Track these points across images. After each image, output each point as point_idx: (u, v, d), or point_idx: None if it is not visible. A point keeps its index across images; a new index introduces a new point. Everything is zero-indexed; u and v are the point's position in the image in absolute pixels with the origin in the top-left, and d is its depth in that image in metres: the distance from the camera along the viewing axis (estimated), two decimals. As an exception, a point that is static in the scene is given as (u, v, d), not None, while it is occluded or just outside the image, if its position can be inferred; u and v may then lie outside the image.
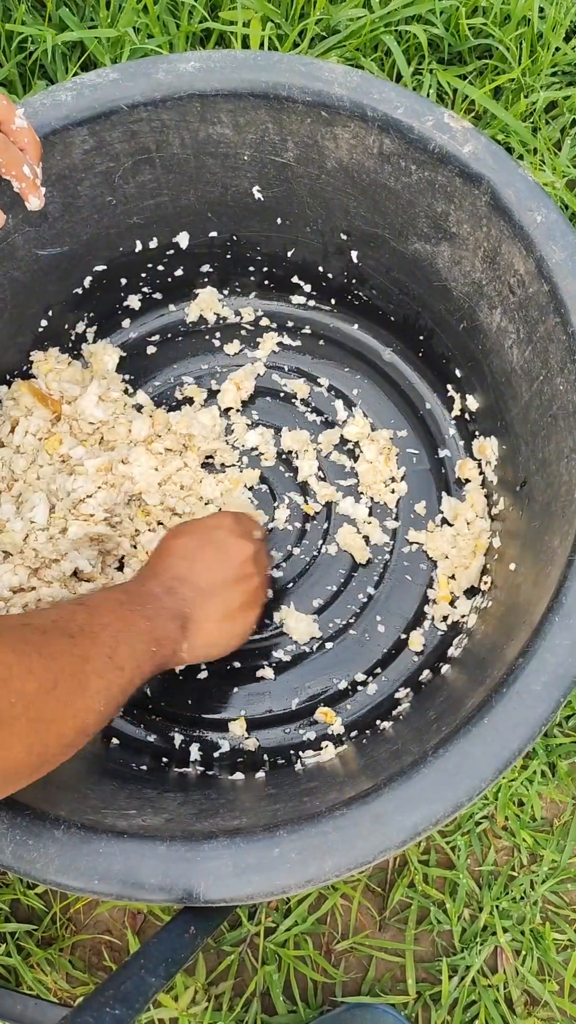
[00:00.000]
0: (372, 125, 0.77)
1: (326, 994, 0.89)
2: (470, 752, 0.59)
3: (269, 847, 0.57)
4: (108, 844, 0.58)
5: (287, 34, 1.11)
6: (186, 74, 0.79)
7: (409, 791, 0.58)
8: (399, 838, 0.57)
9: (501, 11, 1.16)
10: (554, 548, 0.68)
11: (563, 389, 0.72)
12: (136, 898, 0.57)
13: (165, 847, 0.57)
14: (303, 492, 0.91)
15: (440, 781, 0.58)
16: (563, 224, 0.72)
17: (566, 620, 0.62)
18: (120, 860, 0.57)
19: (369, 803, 0.58)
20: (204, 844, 0.57)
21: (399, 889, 0.90)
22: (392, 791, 0.58)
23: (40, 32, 1.06)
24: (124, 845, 0.58)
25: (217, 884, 0.56)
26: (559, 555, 0.66)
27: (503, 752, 0.58)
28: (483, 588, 0.84)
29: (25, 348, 0.91)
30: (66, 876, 0.57)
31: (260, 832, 0.58)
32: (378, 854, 0.56)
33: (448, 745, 0.59)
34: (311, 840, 0.57)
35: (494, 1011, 0.87)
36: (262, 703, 0.84)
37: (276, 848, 0.57)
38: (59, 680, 0.55)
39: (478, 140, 0.75)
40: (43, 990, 0.88)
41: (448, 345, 0.90)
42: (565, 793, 0.94)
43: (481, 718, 0.60)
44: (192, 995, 0.87)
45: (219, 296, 0.98)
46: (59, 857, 0.57)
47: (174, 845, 0.57)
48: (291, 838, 0.57)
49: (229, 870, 0.56)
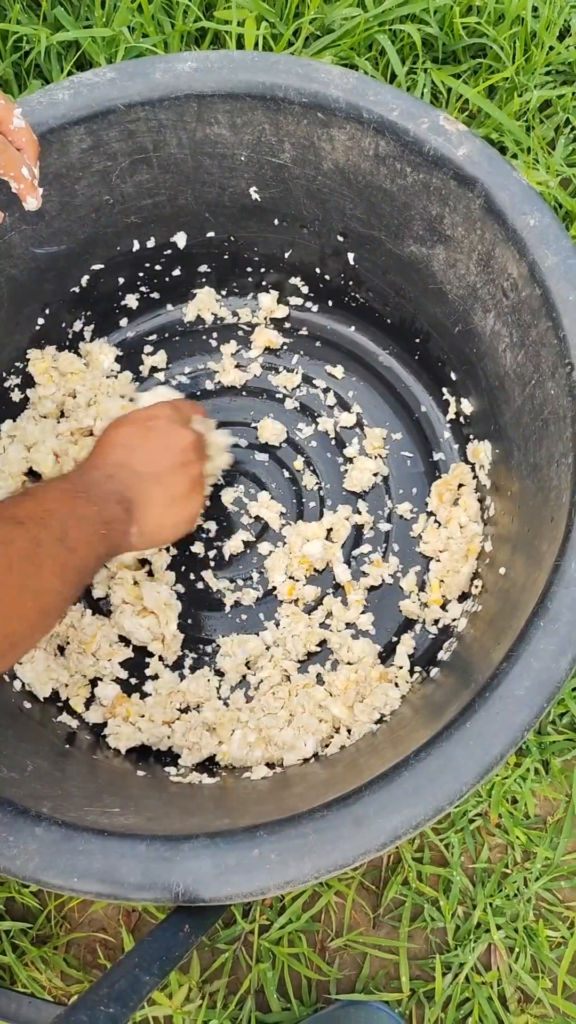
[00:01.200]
0: (368, 127, 0.77)
1: (320, 991, 0.90)
2: (452, 756, 0.59)
3: (249, 848, 0.57)
4: (88, 842, 0.58)
5: (281, 33, 1.12)
6: (184, 74, 0.79)
7: (390, 794, 0.58)
8: (379, 841, 0.57)
9: (495, 10, 1.16)
10: (543, 553, 0.68)
11: (554, 393, 0.72)
12: (115, 896, 0.57)
13: (145, 846, 0.58)
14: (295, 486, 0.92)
15: (421, 785, 0.58)
16: (556, 228, 0.73)
17: (551, 625, 0.62)
18: (100, 858, 0.57)
19: (350, 805, 0.58)
20: (184, 844, 0.58)
21: (393, 886, 0.90)
22: (373, 794, 0.58)
23: (35, 32, 1.06)
24: (104, 843, 0.58)
25: (197, 884, 0.56)
26: (547, 560, 0.66)
27: (485, 757, 0.59)
28: (474, 592, 0.84)
29: (22, 346, 0.91)
30: (46, 874, 0.57)
31: (240, 833, 0.58)
32: (358, 856, 0.57)
33: (430, 749, 0.60)
34: (291, 842, 0.57)
35: (488, 1008, 0.87)
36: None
37: (256, 849, 0.57)
38: (13, 563, 0.56)
39: (473, 143, 0.75)
40: (38, 988, 0.88)
41: (444, 348, 0.90)
42: (558, 790, 0.95)
43: (464, 722, 0.60)
44: (186, 993, 0.87)
45: (217, 296, 0.98)
46: (39, 854, 0.57)
47: (154, 844, 0.58)
48: (271, 839, 0.57)
49: (209, 870, 0.57)
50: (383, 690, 0.81)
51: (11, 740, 0.71)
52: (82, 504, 0.65)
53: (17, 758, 0.68)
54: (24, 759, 0.68)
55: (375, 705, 0.81)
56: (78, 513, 0.64)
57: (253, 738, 0.80)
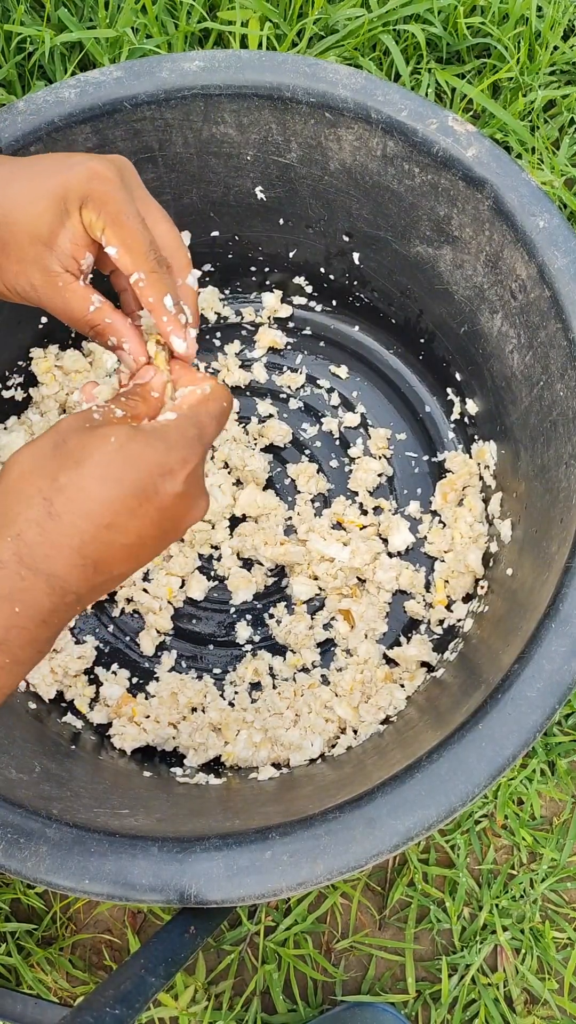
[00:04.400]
0: (376, 127, 0.77)
1: (326, 993, 0.90)
2: (464, 757, 0.59)
3: (261, 849, 0.57)
4: (100, 844, 0.58)
5: (285, 34, 1.11)
6: (190, 73, 0.79)
7: (402, 796, 0.58)
8: (392, 842, 0.57)
9: (499, 10, 1.16)
10: (552, 554, 0.69)
11: (563, 395, 0.72)
12: (127, 898, 0.57)
13: (157, 848, 0.58)
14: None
15: (433, 786, 0.58)
16: (566, 230, 0.73)
17: (563, 627, 0.62)
18: (111, 860, 0.57)
19: (362, 807, 0.58)
20: (196, 845, 0.58)
21: (399, 888, 0.90)
22: (385, 795, 0.58)
23: (39, 32, 1.06)
24: (116, 845, 0.58)
25: (209, 886, 0.56)
26: (557, 561, 0.67)
27: (497, 758, 0.59)
28: (480, 592, 0.84)
29: (25, 344, 0.91)
30: (57, 875, 0.57)
31: (252, 835, 0.58)
32: (370, 858, 0.57)
33: (442, 750, 0.60)
34: (303, 843, 0.57)
35: (494, 1010, 0.87)
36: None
37: (268, 851, 0.57)
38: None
39: (482, 144, 0.75)
40: (43, 990, 0.88)
41: (449, 348, 0.90)
42: (564, 792, 0.95)
43: (476, 724, 0.60)
44: (192, 994, 0.87)
45: (220, 296, 0.98)
46: (50, 856, 0.57)
47: (166, 846, 0.58)
48: (283, 841, 0.57)
49: (221, 872, 0.57)
50: (388, 691, 0.81)
51: (18, 741, 0.71)
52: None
53: (25, 759, 0.68)
54: (32, 760, 0.68)
55: (380, 705, 0.81)
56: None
57: (259, 738, 0.80)
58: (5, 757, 0.66)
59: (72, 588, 0.49)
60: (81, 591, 0.50)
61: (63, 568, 0.48)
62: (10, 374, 0.90)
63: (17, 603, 0.48)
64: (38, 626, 0.49)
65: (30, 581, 0.48)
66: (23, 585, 0.48)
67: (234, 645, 0.86)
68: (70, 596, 0.49)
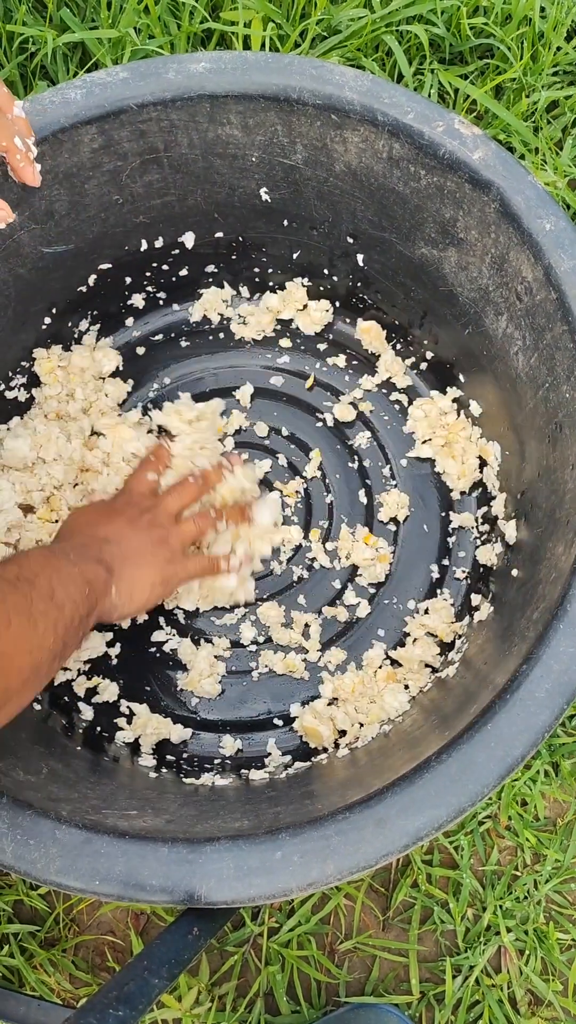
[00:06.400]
0: (382, 129, 0.77)
1: (330, 994, 0.90)
2: (473, 758, 0.59)
3: (272, 850, 0.57)
4: (109, 845, 0.58)
5: (288, 34, 1.11)
6: (196, 74, 0.79)
7: (412, 796, 0.58)
8: (401, 842, 0.57)
9: (502, 11, 1.16)
10: (557, 555, 0.69)
11: (569, 397, 0.72)
12: (137, 899, 0.57)
13: (167, 849, 0.58)
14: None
15: (443, 786, 0.58)
16: (572, 232, 0.73)
17: (571, 627, 0.62)
18: (121, 861, 0.57)
19: (372, 807, 0.58)
20: (206, 846, 0.58)
21: (402, 889, 0.90)
22: (395, 795, 0.58)
23: (41, 33, 1.06)
24: (125, 846, 0.58)
25: (219, 886, 0.56)
26: (563, 562, 0.67)
27: (506, 758, 0.59)
28: (486, 593, 0.84)
29: (28, 345, 0.91)
30: (67, 877, 0.57)
31: (263, 835, 0.58)
32: (380, 858, 0.57)
33: (451, 750, 0.60)
34: (314, 843, 0.57)
35: (498, 1011, 0.87)
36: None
37: (279, 851, 0.57)
38: (12, 618, 0.58)
39: (488, 146, 0.75)
40: (46, 991, 0.88)
41: (453, 350, 0.90)
42: (568, 793, 0.95)
43: (484, 724, 0.60)
44: (195, 996, 0.87)
45: (224, 297, 0.98)
46: (60, 858, 0.58)
47: (176, 847, 0.58)
48: (293, 841, 0.57)
49: (231, 872, 0.57)
50: (392, 691, 0.81)
51: (24, 742, 0.71)
52: (65, 564, 0.67)
53: (32, 760, 0.68)
54: (39, 761, 0.68)
55: (384, 706, 0.81)
56: (62, 573, 0.66)
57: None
58: (12, 759, 0.66)
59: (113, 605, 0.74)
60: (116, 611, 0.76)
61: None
62: (13, 375, 0.90)
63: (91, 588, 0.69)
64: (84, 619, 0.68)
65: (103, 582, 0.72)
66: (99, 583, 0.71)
67: (239, 646, 0.87)
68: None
